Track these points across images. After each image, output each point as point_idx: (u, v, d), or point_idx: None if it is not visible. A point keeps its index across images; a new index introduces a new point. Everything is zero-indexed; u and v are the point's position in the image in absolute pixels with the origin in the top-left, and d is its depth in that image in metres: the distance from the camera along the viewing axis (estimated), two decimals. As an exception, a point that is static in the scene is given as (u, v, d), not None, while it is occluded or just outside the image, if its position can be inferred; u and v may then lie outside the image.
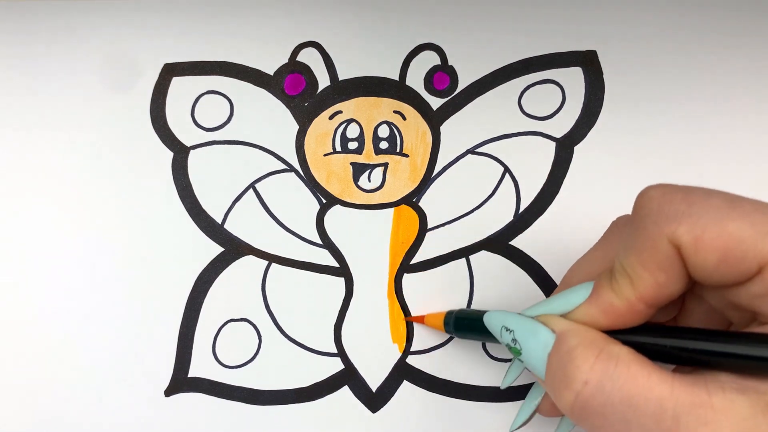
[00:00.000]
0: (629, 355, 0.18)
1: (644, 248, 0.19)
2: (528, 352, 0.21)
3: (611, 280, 0.20)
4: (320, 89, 0.31)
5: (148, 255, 0.31)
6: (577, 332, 0.20)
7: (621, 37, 0.31)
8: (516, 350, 0.22)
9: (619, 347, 0.19)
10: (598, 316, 0.20)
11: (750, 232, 0.17)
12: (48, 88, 0.32)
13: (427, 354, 0.30)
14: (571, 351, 0.19)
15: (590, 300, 0.20)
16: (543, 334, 0.20)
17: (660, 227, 0.18)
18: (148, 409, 0.30)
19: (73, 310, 0.31)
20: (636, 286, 0.19)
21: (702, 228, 0.17)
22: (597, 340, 0.19)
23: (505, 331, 0.22)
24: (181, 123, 0.32)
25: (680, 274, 0.18)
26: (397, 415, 0.30)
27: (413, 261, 0.31)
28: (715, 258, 0.17)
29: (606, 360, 0.18)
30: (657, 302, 0.19)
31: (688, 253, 0.18)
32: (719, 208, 0.18)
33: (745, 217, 0.17)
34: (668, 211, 0.18)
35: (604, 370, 0.18)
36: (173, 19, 0.32)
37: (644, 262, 0.19)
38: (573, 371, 0.19)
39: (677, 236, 0.18)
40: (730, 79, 0.30)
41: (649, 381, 0.17)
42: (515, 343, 0.22)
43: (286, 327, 0.31)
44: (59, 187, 0.32)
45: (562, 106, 0.31)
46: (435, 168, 0.31)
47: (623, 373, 0.18)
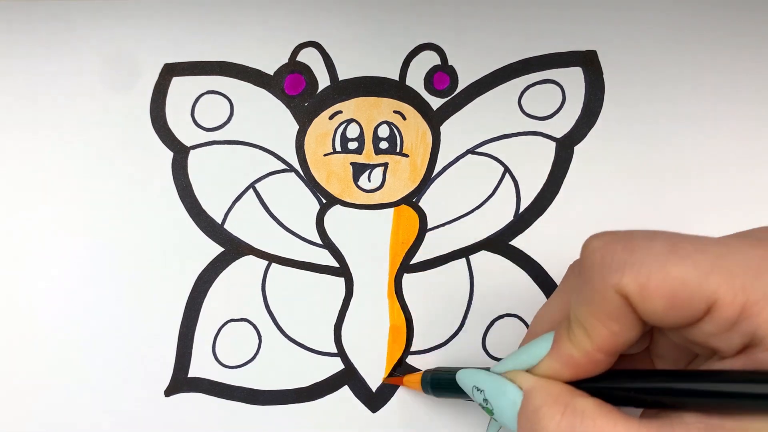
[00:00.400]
0: (594, 409, 0.19)
1: (593, 300, 0.19)
2: (499, 412, 0.21)
3: (569, 332, 0.20)
4: (320, 89, 0.31)
5: (148, 255, 0.31)
6: (541, 389, 0.20)
7: (621, 37, 0.31)
8: (489, 410, 0.22)
9: (585, 400, 0.19)
10: (560, 368, 0.20)
11: (693, 274, 0.17)
12: (48, 88, 0.32)
13: (427, 354, 0.30)
14: (537, 410, 0.19)
15: (551, 353, 0.20)
16: (511, 392, 0.21)
17: (605, 279, 0.18)
18: (148, 409, 0.30)
19: (73, 310, 0.31)
20: (592, 337, 0.19)
21: (646, 276, 0.17)
22: (561, 395, 0.19)
23: (476, 390, 0.23)
24: (181, 123, 0.32)
25: (633, 322, 0.18)
26: (397, 415, 0.30)
27: (413, 261, 0.31)
28: (662, 304, 0.17)
29: (571, 416, 0.18)
30: (615, 350, 0.19)
31: (636, 302, 0.18)
32: (660, 253, 0.18)
33: (686, 259, 0.17)
34: (611, 262, 0.18)
35: (570, 425, 0.18)
36: (173, 19, 0.32)
37: (595, 314, 0.19)
38: (540, 430, 0.19)
39: (622, 286, 0.18)
40: (730, 78, 0.30)
41: None
42: (486, 402, 0.22)
43: (286, 327, 0.31)
44: (59, 187, 0.32)
45: (562, 106, 0.31)
46: (435, 168, 0.31)
47: (589, 427, 0.18)
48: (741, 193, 0.30)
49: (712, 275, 0.17)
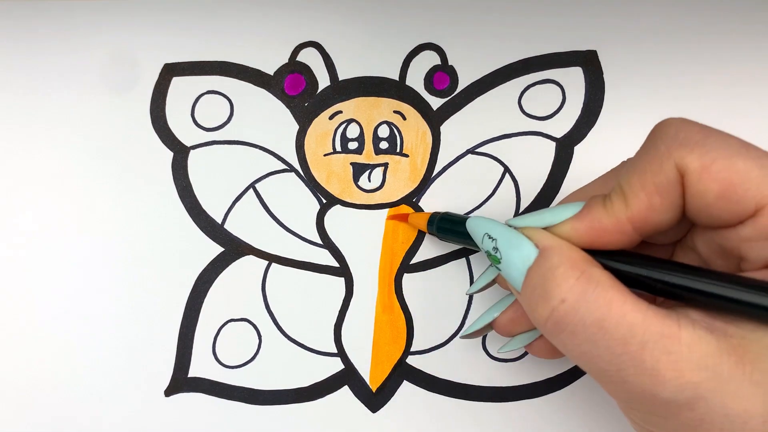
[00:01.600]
0: (609, 280, 0.18)
1: (648, 168, 0.18)
2: (508, 263, 0.21)
3: (605, 199, 0.20)
4: (320, 89, 0.31)
5: (149, 255, 0.31)
6: (560, 250, 0.19)
7: (621, 37, 0.31)
8: (495, 258, 0.21)
9: (601, 271, 0.19)
10: (583, 231, 0.20)
11: (756, 173, 0.17)
12: (48, 88, 0.32)
13: (427, 354, 0.30)
14: (553, 268, 0.19)
15: (579, 214, 0.20)
16: (526, 247, 0.20)
17: (671, 150, 0.18)
18: (148, 409, 0.30)
19: (73, 310, 0.31)
20: (629, 205, 0.19)
21: (711, 159, 0.17)
22: (580, 261, 0.19)
23: (487, 238, 0.22)
24: (181, 123, 0.32)
25: (676, 203, 0.18)
26: (397, 415, 0.30)
27: (413, 261, 0.31)
28: (716, 189, 0.17)
29: (586, 281, 0.18)
30: (645, 227, 0.19)
31: (692, 181, 0.18)
32: (732, 145, 0.18)
33: (756, 158, 0.17)
34: (683, 138, 0.18)
35: (583, 290, 0.18)
36: (173, 19, 0.32)
37: (644, 182, 0.19)
38: (552, 288, 0.19)
39: (686, 162, 0.18)
40: (731, 78, 0.30)
41: (623, 307, 0.18)
42: (496, 251, 0.21)
43: (286, 327, 0.31)
44: (59, 187, 0.32)
45: (562, 106, 0.31)
46: (435, 168, 0.31)
47: (600, 296, 0.18)
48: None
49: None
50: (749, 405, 0.16)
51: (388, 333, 0.30)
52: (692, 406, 0.17)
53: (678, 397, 0.17)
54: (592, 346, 0.18)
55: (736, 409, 0.17)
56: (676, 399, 0.17)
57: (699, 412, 0.17)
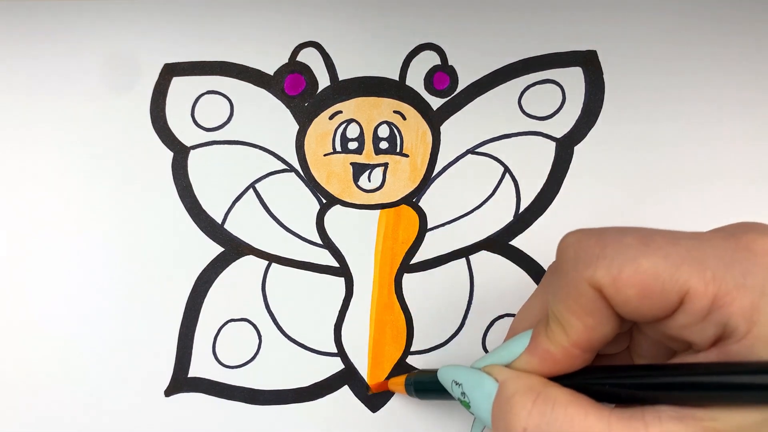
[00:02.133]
0: (566, 397, 0.19)
1: (569, 295, 0.19)
2: (475, 403, 0.21)
3: (546, 328, 0.20)
4: (320, 89, 0.31)
5: (148, 255, 0.31)
6: (516, 379, 0.20)
7: (621, 37, 0.31)
8: (466, 403, 0.22)
9: (557, 389, 0.19)
10: (538, 364, 0.20)
11: (664, 265, 0.17)
12: (48, 88, 0.32)
13: (427, 354, 0.30)
14: (509, 399, 0.19)
15: (529, 349, 0.21)
16: (487, 384, 0.21)
17: (579, 273, 0.18)
18: (148, 409, 0.30)
19: (73, 310, 0.31)
20: (568, 332, 0.19)
21: (618, 268, 0.17)
22: (535, 385, 0.19)
23: (455, 385, 0.23)
24: (181, 123, 0.32)
25: (608, 316, 0.19)
26: (397, 415, 0.30)
27: (413, 261, 0.31)
28: (635, 295, 0.17)
29: (543, 404, 0.19)
30: (591, 346, 0.19)
31: (610, 294, 0.18)
32: (631, 245, 0.18)
33: (658, 251, 0.17)
34: (584, 257, 0.18)
35: (541, 414, 0.18)
36: (173, 19, 0.32)
37: (571, 308, 0.19)
38: (512, 419, 0.19)
39: (596, 279, 0.18)
40: (731, 78, 0.30)
41: (586, 420, 0.18)
42: (464, 396, 0.22)
43: (286, 327, 0.31)
44: (59, 187, 0.32)
45: (562, 106, 0.31)
46: (435, 168, 0.31)
47: (560, 415, 0.18)
48: (741, 192, 0.30)
49: (683, 266, 0.17)
50: None
51: (388, 333, 0.30)
52: None
53: None
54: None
55: None
56: None
57: None
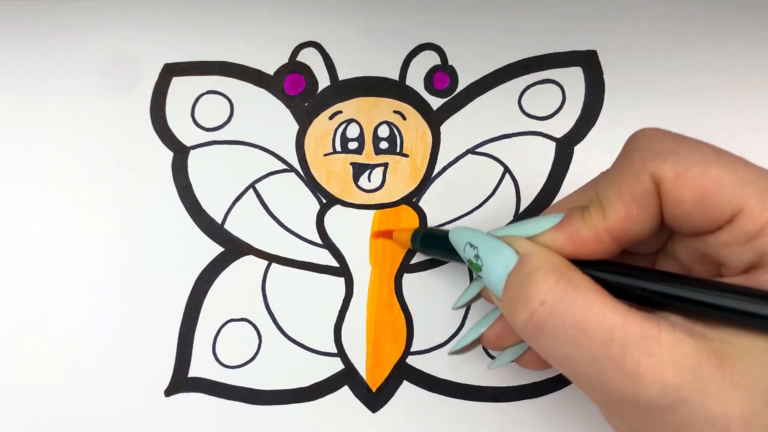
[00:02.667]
0: (588, 283, 0.18)
1: (624, 180, 0.19)
2: (488, 269, 0.21)
3: (584, 210, 0.20)
4: (320, 89, 0.31)
5: (148, 255, 0.31)
6: (540, 255, 0.20)
7: (621, 37, 0.31)
8: (477, 266, 0.21)
9: (580, 275, 0.19)
10: (563, 241, 0.20)
11: (730, 179, 0.17)
12: (48, 88, 0.32)
13: (427, 354, 0.30)
14: (532, 272, 0.19)
15: (559, 225, 0.20)
16: (506, 253, 0.20)
17: (645, 161, 0.18)
18: (148, 409, 0.30)
19: (73, 310, 0.31)
20: (607, 216, 0.19)
21: (685, 167, 0.18)
22: (559, 265, 0.19)
23: (469, 246, 0.22)
24: (181, 123, 0.32)
25: (653, 213, 0.19)
26: (397, 415, 0.30)
27: (413, 261, 0.31)
28: (691, 197, 0.18)
29: (565, 284, 0.18)
30: (624, 237, 0.19)
31: (667, 190, 0.18)
32: (705, 152, 0.18)
33: (729, 165, 0.18)
34: (657, 148, 0.18)
35: (562, 293, 0.18)
36: (173, 19, 0.32)
37: (621, 193, 0.19)
38: (531, 291, 0.19)
39: (660, 172, 0.18)
40: (731, 78, 0.30)
41: (603, 309, 0.18)
42: (477, 258, 0.21)
43: (286, 327, 0.31)
44: (59, 187, 0.32)
45: (562, 106, 0.31)
46: (435, 168, 0.31)
47: (580, 298, 0.18)
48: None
49: (747, 186, 0.17)
50: (729, 408, 0.16)
51: (388, 333, 0.30)
52: (673, 410, 0.17)
53: (659, 400, 0.17)
54: (572, 349, 0.18)
55: (716, 412, 0.17)
56: (657, 402, 0.17)
57: (680, 416, 0.17)
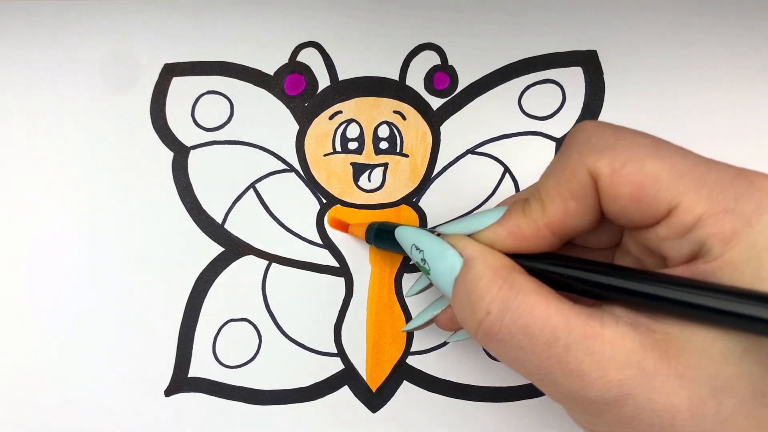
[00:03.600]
0: (531, 285, 0.19)
1: (562, 175, 0.19)
2: (436, 274, 0.21)
3: (524, 204, 0.20)
4: (320, 89, 0.31)
5: (149, 255, 0.31)
6: (483, 260, 0.20)
7: (621, 37, 0.31)
8: (425, 270, 0.22)
9: (523, 277, 0.19)
10: (505, 237, 0.20)
11: (667, 173, 0.17)
12: (48, 88, 0.32)
13: (427, 354, 0.30)
14: (476, 279, 0.19)
15: (500, 221, 0.20)
16: (451, 257, 0.21)
17: (583, 156, 0.18)
18: (148, 409, 0.30)
19: (73, 309, 0.31)
20: (546, 211, 0.19)
21: (622, 162, 0.18)
22: (502, 269, 0.19)
23: (415, 249, 0.22)
24: (181, 123, 0.32)
25: (591, 208, 0.19)
26: (397, 415, 0.30)
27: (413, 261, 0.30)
28: (628, 193, 0.18)
29: (508, 290, 0.19)
30: (563, 232, 0.19)
31: (604, 185, 0.18)
32: (643, 146, 0.18)
33: (666, 159, 0.17)
34: (595, 143, 0.18)
35: (505, 299, 0.18)
36: (173, 19, 0.32)
37: (559, 188, 0.19)
38: (476, 300, 0.19)
39: (597, 167, 0.18)
40: (731, 78, 0.30)
41: (547, 311, 0.18)
42: (424, 262, 0.22)
43: (286, 327, 0.31)
44: (59, 187, 0.32)
45: (562, 106, 0.31)
46: (435, 168, 0.31)
47: (523, 302, 0.18)
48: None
49: (683, 179, 0.17)
50: (675, 399, 0.17)
51: (388, 333, 0.30)
52: (620, 404, 0.17)
53: (605, 396, 0.17)
54: (520, 353, 0.18)
55: (663, 404, 0.17)
56: (603, 397, 0.17)
57: (628, 409, 0.17)
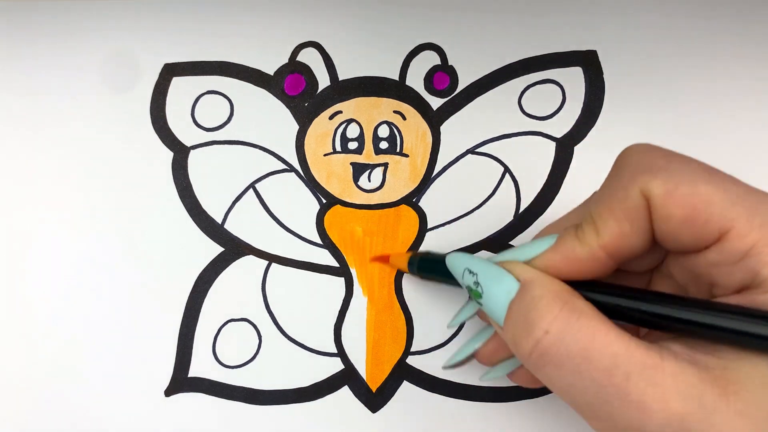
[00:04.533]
0: (591, 311, 0.19)
1: (615, 196, 0.19)
2: (489, 297, 0.21)
3: (577, 230, 0.20)
4: (320, 89, 0.31)
5: (148, 255, 0.31)
6: (542, 283, 0.20)
7: (621, 37, 0.31)
8: (477, 293, 0.21)
9: (583, 302, 0.19)
10: (560, 262, 0.20)
11: (720, 197, 0.17)
12: (48, 88, 0.32)
13: (427, 354, 0.30)
14: (535, 300, 0.19)
15: (554, 247, 0.20)
16: (507, 281, 0.20)
17: (635, 177, 0.18)
18: (148, 409, 0.30)
19: (73, 310, 0.31)
20: (600, 234, 0.19)
21: (675, 184, 0.18)
22: (562, 292, 0.19)
23: (468, 273, 0.22)
24: (181, 123, 0.32)
25: (645, 228, 0.19)
26: (397, 415, 0.30)
27: (413, 261, 0.30)
28: (681, 215, 0.18)
29: (569, 312, 0.18)
30: (619, 254, 0.19)
31: (657, 206, 0.18)
32: (695, 170, 0.18)
33: (718, 183, 0.18)
34: (646, 164, 0.18)
35: (566, 321, 0.18)
36: (173, 19, 0.32)
37: (612, 210, 0.19)
38: (535, 319, 0.19)
39: (650, 188, 0.18)
40: (731, 78, 0.30)
41: (607, 337, 0.18)
42: (477, 285, 0.21)
43: (286, 327, 0.31)
44: (59, 187, 0.32)
45: (562, 106, 0.31)
46: (435, 168, 0.31)
47: (584, 326, 0.18)
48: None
49: (735, 205, 0.17)
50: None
51: (388, 333, 0.30)
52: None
53: (665, 430, 0.17)
54: (577, 378, 0.18)
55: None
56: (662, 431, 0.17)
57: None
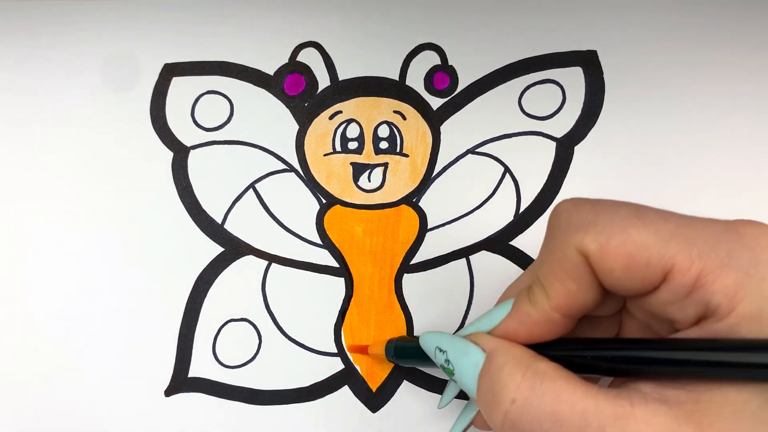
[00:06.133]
0: (555, 371, 0.19)
1: (554, 258, 0.19)
2: (460, 372, 0.21)
3: (529, 292, 0.20)
4: (320, 89, 0.31)
5: (148, 255, 0.31)
6: (504, 351, 0.20)
7: (621, 37, 0.31)
8: (449, 371, 0.22)
9: (546, 363, 0.19)
10: (518, 328, 0.20)
11: (653, 240, 0.17)
12: (48, 88, 0.32)
13: (427, 354, 0.30)
14: (498, 370, 0.19)
15: (510, 313, 0.21)
16: (473, 353, 0.21)
17: (568, 237, 0.18)
18: (148, 409, 0.30)
19: (73, 310, 0.31)
20: (549, 296, 0.19)
21: (607, 236, 0.18)
22: (523, 357, 0.19)
23: (438, 351, 0.23)
24: (181, 123, 0.32)
25: (591, 283, 0.19)
26: (397, 415, 0.30)
27: (413, 261, 0.31)
28: (620, 265, 0.18)
29: (532, 377, 0.19)
30: (571, 312, 0.19)
31: (595, 261, 0.18)
32: (624, 217, 0.18)
33: (649, 225, 0.17)
34: (576, 222, 0.18)
35: (530, 387, 0.18)
36: (173, 19, 0.32)
37: (555, 272, 0.19)
38: (501, 390, 0.19)
39: (584, 245, 0.18)
40: (730, 78, 0.30)
41: (574, 395, 0.18)
42: (448, 363, 0.22)
43: (286, 327, 0.31)
44: (59, 187, 0.32)
45: (562, 106, 0.31)
46: (435, 168, 0.31)
47: (548, 389, 0.18)
48: (741, 194, 0.30)
49: (671, 242, 0.17)
50: None
51: (388, 333, 0.30)
52: None
53: None
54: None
55: None
56: None
57: None
